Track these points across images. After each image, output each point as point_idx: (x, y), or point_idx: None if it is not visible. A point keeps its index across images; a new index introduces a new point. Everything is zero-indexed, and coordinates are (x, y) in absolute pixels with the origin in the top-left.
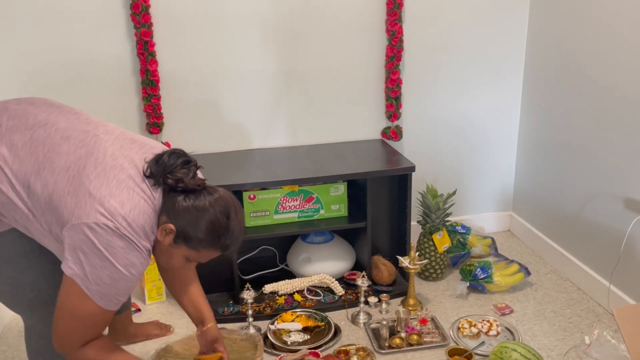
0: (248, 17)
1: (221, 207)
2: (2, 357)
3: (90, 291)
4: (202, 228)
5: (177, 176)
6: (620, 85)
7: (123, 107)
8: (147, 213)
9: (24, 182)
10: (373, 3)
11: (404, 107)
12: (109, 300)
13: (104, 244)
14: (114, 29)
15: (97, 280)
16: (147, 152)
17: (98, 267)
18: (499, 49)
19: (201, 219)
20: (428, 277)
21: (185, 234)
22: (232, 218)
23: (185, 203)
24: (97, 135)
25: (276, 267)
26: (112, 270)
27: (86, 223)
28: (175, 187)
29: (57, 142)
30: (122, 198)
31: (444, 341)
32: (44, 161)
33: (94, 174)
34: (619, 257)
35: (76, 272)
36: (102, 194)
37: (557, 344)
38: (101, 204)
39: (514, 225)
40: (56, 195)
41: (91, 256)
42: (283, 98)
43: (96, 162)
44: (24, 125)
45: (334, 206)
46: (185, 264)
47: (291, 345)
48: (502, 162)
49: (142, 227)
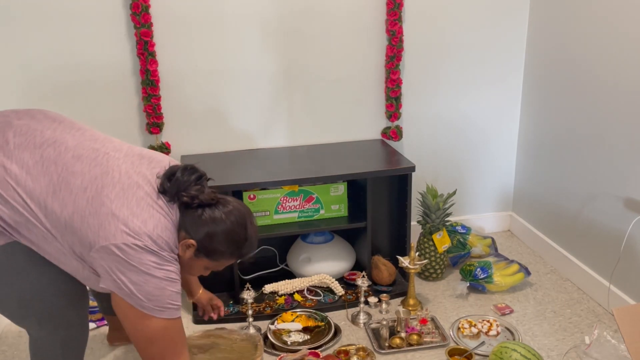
0: (248, 17)
1: (237, 218)
2: (2, 357)
3: (146, 309)
4: (221, 241)
5: (192, 194)
6: (620, 85)
7: (123, 107)
8: (168, 229)
9: (39, 202)
10: (373, 3)
11: (404, 107)
12: (167, 309)
13: (137, 261)
14: (114, 29)
15: (147, 296)
16: (156, 166)
17: (141, 283)
18: (499, 49)
19: (220, 233)
20: (428, 277)
21: (205, 247)
22: (249, 227)
23: (203, 218)
24: (107, 153)
25: (276, 267)
26: (155, 282)
27: (114, 244)
28: (191, 204)
29: (70, 162)
30: (144, 216)
31: (444, 341)
32: (59, 181)
33: (114, 193)
34: (619, 257)
35: (125, 292)
36: (125, 214)
37: (557, 344)
38: (125, 224)
39: (514, 225)
40: (77, 216)
41: (130, 275)
42: (283, 98)
43: (113, 181)
44: (33, 144)
45: (334, 206)
46: (204, 272)
47: (291, 345)
48: (502, 161)
49: (167, 242)
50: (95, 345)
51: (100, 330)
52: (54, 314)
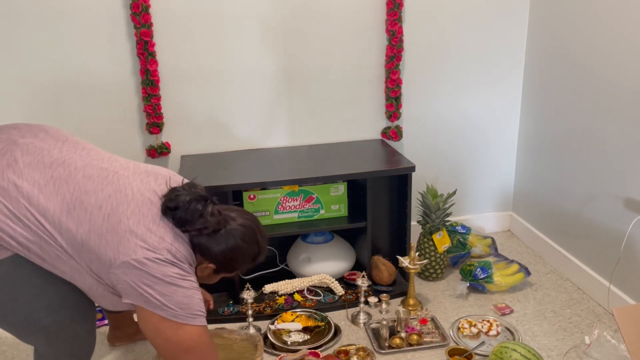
0: (248, 17)
1: (249, 236)
2: (2, 357)
3: (180, 318)
4: (239, 261)
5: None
6: (620, 85)
7: (123, 107)
8: (183, 245)
9: (53, 221)
10: (373, 3)
11: (404, 107)
12: (198, 316)
13: (160, 274)
14: (114, 29)
15: (179, 305)
16: (162, 182)
17: (170, 294)
18: (499, 49)
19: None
20: (428, 277)
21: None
22: (260, 241)
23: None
24: (117, 172)
25: (276, 267)
26: (182, 291)
27: (135, 259)
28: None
29: (81, 181)
30: (161, 232)
31: (444, 341)
32: (73, 200)
33: (129, 210)
34: (619, 257)
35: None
36: (142, 231)
37: (557, 344)
38: (144, 241)
39: (514, 225)
40: (94, 234)
41: (157, 287)
42: (283, 98)
43: (127, 199)
44: (42, 164)
45: (334, 206)
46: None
47: (291, 345)
48: (502, 162)
49: (184, 256)
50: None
51: (100, 330)
52: (62, 328)
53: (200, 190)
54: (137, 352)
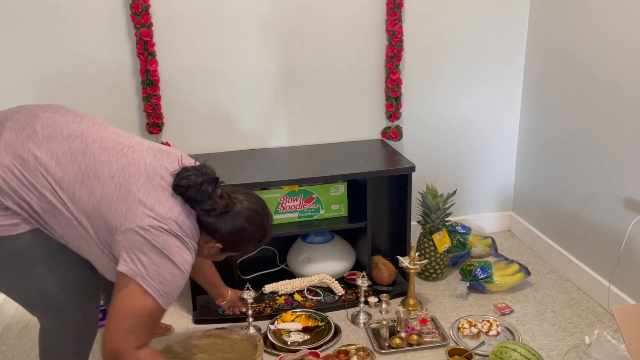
0: (248, 17)
1: (256, 219)
2: (2, 357)
3: (152, 289)
4: (247, 243)
5: (206, 208)
6: (620, 85)
7: (123, 107)
8: (190, 218)
9: (67, 190)
10: (373, 3)
11: (404, 107)
12: (168, 298)
13: (161, 243)
14: (114, 29)
15: (160, 278)
16: (174, 161)
17: (159, 265)
18: (499, 48)
19: (245, 238)
20: (428, 277)
21: (230, 247)
22: (266, 223)
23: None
24: (131, 146)
25: (276, 267)
26: (171, 267)
27: (141, 226)
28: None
29: (97, 152)
30: (170, 204)
31: (444, 341)
32: (87, 170)
33: (140, 181)
34: (619, 257)
35: (138, 271)
36: (151, 200)
37: (557, 344)
38: (152, 210)
39: (514, 225)
40: (105, 202)
41: (151, 255)
42: (283, 98)
43: (139, 170)
44: (60, 135)
45: (334, 206)
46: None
47: (291, 345)
48: (502, 162)
49: (190, 229)
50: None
51: (100, 330)
52: (72, 305)
53: (211, 172)
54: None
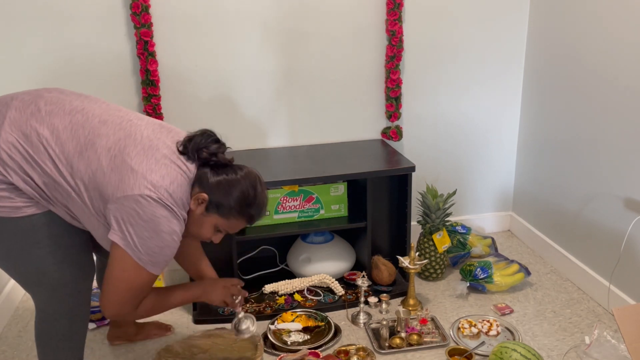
0: (248, 17)
1: (250, 180)
2: (2, 357)
3: (142, 261)
4: (233, 197)
5: (211, 150)
6: (620, 85)
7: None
8: (183, 185)
9: (67, 163)
10: (373, 3)
11: (404, 107)
12: (159, 266)
13: (149, 214)
14: (114, 29)
15: (147, 251)
16: (175, 136)
17: (146, 238)
18: (499, 48)
19: (233, 190)
20: (428, 277)
21: (217, 202)
22: (259, 191)
23: (218, 176)
24: (131, 120)
25: (276, 267)
26: (158, 240)
27: (131, 195)
28: (209, 161)
29: (96, 126)
30: (162, 172)
31: (444, 341)
32: (86, 143)
33: (135, 152)
34: (619, 257)
35: (130, 243)
36: (144, 169)
37: (557, 344)
38: (144, 178)
39: (514, 225)
40: (100, 172)
41: (138, 228)
42: (283, 98)
43: (135, 142)
44: (62, 111)
45: (334, 206)
46: (214, 234)
47: (291, 345)
48: (502, 162)
49: (181, 198)
50: (96, 345)
51: (100, 330)
52: (69, 283)
53: None
54: (137, 352)
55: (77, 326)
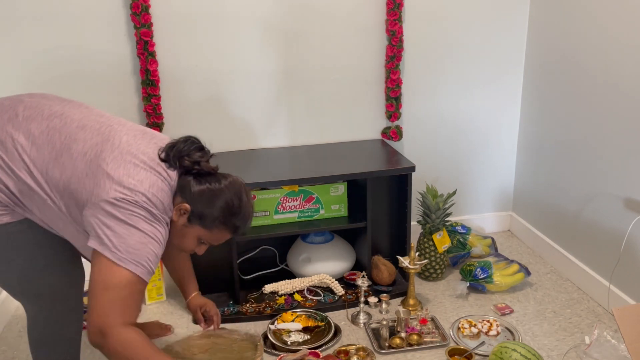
0: (248, 17)
1: (235, 189)
2: (2, 357)
3: (122, 261)
4: (216, 208)
5: (194, 159)
6: (620, 85)
7: (123, 107)
8: (164, 190)
9: (42, 169)
10: (373, 3)
11: (404, 107)
12: (142, 266)
13: (127, 214)
14: (114, 29)
15: (127, 249)
16: (158, 142)
17: (125, 236)
18: (499, 48)
19: (216, 200)
20: (428, 277)
21: (200, 213)
22: (244, 200)
23: (201, 185)
24: (111, 125)
25: (276, 267)
26: (139, 236)
27: (106, 199)
28: (191, 169)
29: (74, 131)
30: (140, 177)
31: (444, 341)
32: (62, 148)
33: (111, 157)
34: (619, 257)
35: (106, 244)
36: (120, 174)
37: (557, 344)
38: (119, 183)
39: (514, 225)
40: (74, 178)
41: (116, 228)
42: (283, 98)
43: (112, 147)
44: (40, 116)
45: (334, 206)
46: (197, 245)
47: (291, 345)
48: (502, 161)
49: (161, 202)
50: None
51: None
52: (54, 290)
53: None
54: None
55: (70, 332)
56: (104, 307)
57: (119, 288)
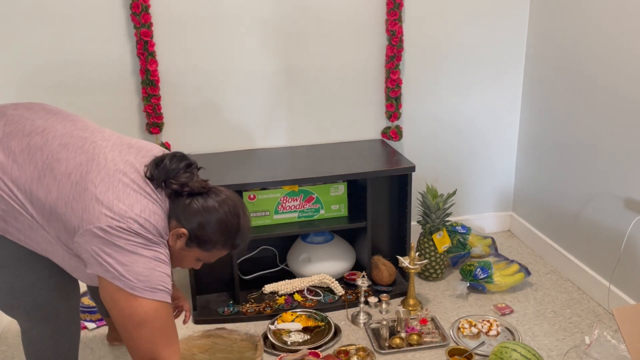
0: (248, 17)
1: (230, 207)
2: (2, 357)
3: (136, 290)
4: (214, 230)
5: (181, 181)
6: (620, 85)
7: (123, 107)
8: (157, 214)
9: (24, 190)
10: (373, 3)
11: (404, 107)
12: (159, 290)
13: (122, 242)
14: (114, 29)
15: (137, 276)
16: (145, 155)
17: (129, 263)
18: (499, 48)
19: (212, 221)
20: (428, 277)
21: (197, 237)
22: (242, 217)
23: (195, 206)
24: (95, 142)
25: (276, 267)
26: (144, 262)
27: (98, 227)
28: (181, 192)
29: (56, 149)
30: (130, 201)
31: (444, 341)
32: (44, 168)
33: (98, 179)
34: (619, 257)
35: (112, 273)
36: (110, 198)
37: (557, 344)
38: (109, 209)
39: (514, 225)
40: (61, 201)
41: (116, 255)
42: (283, 98)
43: (98, 167)
44: (21, 132)
45: (334, 206)
46: (195, 264)
47: (291, 345)
48: (502, 161)
49: (155, 227)
50: (95, 345)
51: (100, 330)
52: (42, 306)
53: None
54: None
55: (65, 346)
56: (148, 347)
57: (150, 321)
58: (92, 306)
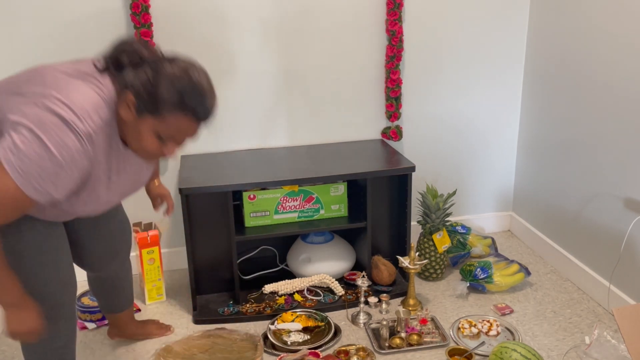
0: (248, 17)
1: (181, 66)
2: (2, 357)
3: (8, 164)
4: (162, 88)
5: (134, 47)
6: (620, 84)
7: None
8: (87, 93)
9: None
10: (373, 3)
11: (404, 107)
12: (29, 181)
13: (35, 121)
14: (114, 29)
15: (21, 156)
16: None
17: (25, 142)
18: (499, 48)
19: (159, 78)
20: (428, 277)
21: (145, 100)
22: (194, 74)
23: (143, 69)
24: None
25: (276, 267)
26: (38, 145)
27: (18, 107)
28: (133, 61)
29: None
30: (59, 84)
31: (444, 341)
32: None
33: (31, 81)
34: (619, 257)
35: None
36: (34, 89)
37: (557, 344)
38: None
39: (514, 225)
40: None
41: (20, 133)
42: (283, 98)
43: (35, 75)
44: None
45: (334, 206)
46: (159, 144)
47: (291, 345)
48: (502, 162)
49: (82, 106)
50: (96, 345)
51: (100, 330)
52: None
53: None
54: (137, 352)
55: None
56: None
57: None
58: (92, 306)
